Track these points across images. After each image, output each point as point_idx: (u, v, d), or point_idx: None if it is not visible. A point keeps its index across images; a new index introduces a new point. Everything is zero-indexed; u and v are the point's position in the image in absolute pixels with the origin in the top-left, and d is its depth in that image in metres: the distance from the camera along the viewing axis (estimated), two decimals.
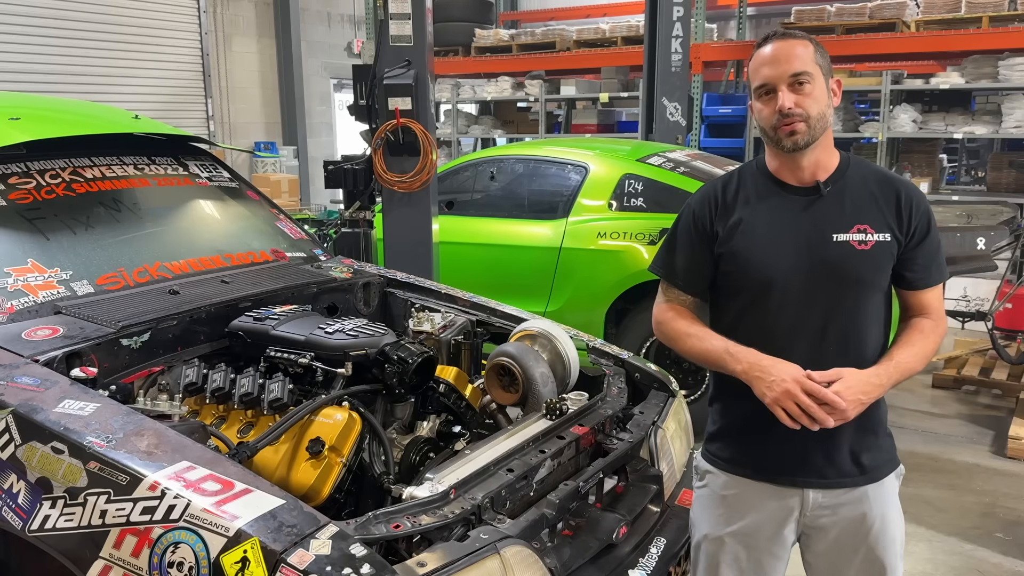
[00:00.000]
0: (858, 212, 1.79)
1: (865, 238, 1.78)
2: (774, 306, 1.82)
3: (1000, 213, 4.93)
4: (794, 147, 1.77)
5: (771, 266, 1.81)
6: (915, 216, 1.80)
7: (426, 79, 4.37)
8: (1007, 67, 7.60)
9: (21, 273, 2.31)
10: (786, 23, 8.73)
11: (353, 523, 1.61)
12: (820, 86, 1.77)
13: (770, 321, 1.83)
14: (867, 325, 1.81)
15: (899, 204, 1.80)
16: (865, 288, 1.79)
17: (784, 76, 1.75)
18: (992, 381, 5.39)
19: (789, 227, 1.82)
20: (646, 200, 4.67)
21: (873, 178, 1.83)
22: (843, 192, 1.81)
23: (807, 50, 1.77)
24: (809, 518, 1.87)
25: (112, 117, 3.39)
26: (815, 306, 1.79)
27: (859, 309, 1.80)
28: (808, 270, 1.79)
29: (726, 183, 1.93)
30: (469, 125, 10.98)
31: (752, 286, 1.84)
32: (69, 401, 1.83)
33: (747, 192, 1.88)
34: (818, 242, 1.79)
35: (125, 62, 9.40)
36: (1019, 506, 3.87)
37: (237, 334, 2.39)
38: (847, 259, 1.77)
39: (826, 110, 1.78)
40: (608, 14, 12.46)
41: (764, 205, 1.85)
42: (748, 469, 1.90)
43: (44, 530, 1.65)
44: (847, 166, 1.85)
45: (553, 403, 2.19)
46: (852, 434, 1.82)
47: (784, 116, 1.74)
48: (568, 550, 1.98)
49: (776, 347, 1.78)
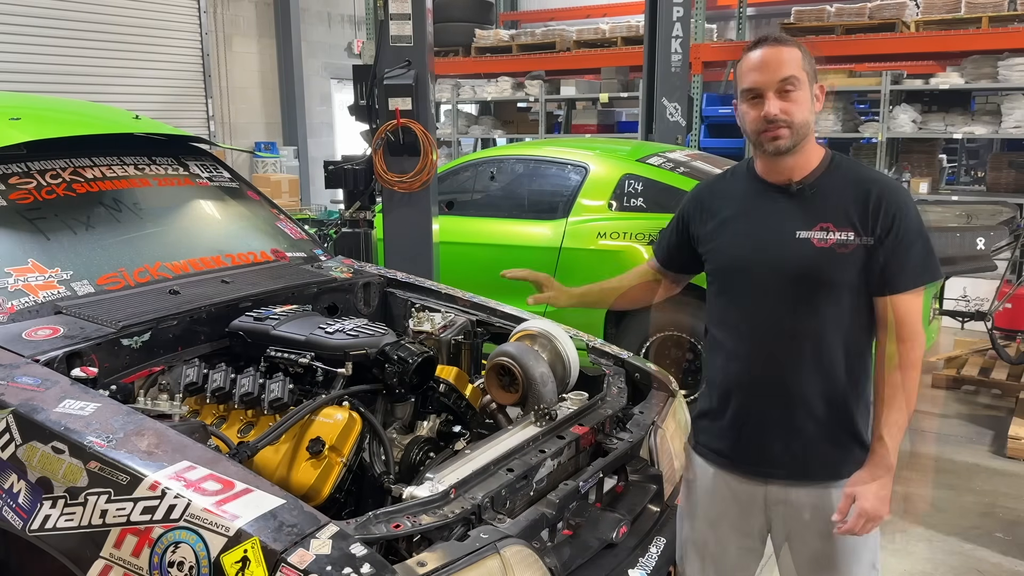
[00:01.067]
0: (824, 211, 1.80)
1: (826, 236, 1.78)
2: (740, 298, 1.88)
3: (1000, 213, 4.92)
4: (776, 152, 1.80)
5: (737, 258, 1.88)
6: (883, 216, 1.76)
7: (426, 79, 4.37)
8: (1007, 67, 7.60)
9: (22, 273, 2.31)
10: (786, 23, 8.73)
11: (353, 523, 1.61)
12: (805, 92, 1.78)
13: (737, 313, 1.89)
14: (833, 326, 1.80)
15: (868, 203, 1.77)
16: (826, 287, 1.79)
17: (772, 82, 1.77)
18: (992, 381, 5.39)
19: (760, 223, 1.86)
20: (646, 200, 4.68)
21: (853, 179, 1.83)
22: (817, 191, 1.83)
23: (795, 56, 1.78)
24: (772, 511, 1.91)
25: (112, 117, 3.39)
26: (778, 301, 1.82)
27: (821, 308, 1.80)
28: (769, 265, 1.82)
29: (717, 181, 2.03)
30: (469, 125, 10.98)
31: (721, 277, 1.93)
32: (69, 401, 1.83)
33: (734, 190, 1.95)
34: (780, 238, 1.82)
35: (125, 62, 9.41)
36: (1018, 506, 3.87)
37: (237, 334, 2.40)
38: (805, 256, 1.79)
39: (809, 116, 1.80)
40: (608, 14, 12.44)
41: (745, 202, 1.91)
42: (714, 455, 1.97)
43: (44, 530, 1.65)
44: (829, 166, 1.85)
45: (542, 409, 2.19)
46: (815, 433, 1.83)
47: (770, 122, 1.77)
48: (568, 550, 1.98)
49: (742, 338, 1.87)
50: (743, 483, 1.92)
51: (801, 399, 1.82)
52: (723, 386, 1.92)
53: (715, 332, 1.95)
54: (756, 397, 1.87)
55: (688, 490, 2.08)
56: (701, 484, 2.02)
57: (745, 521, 1.95)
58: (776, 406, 1.84)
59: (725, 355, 1.91)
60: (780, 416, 1.84)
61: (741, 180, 1.95)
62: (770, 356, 1.83)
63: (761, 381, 1.85)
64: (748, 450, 1.90)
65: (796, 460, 1.85)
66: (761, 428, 1.86)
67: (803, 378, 1.82)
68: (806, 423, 1.83)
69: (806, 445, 1.84)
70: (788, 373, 1.82)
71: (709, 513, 2.00)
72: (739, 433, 1.90)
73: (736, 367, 1.89)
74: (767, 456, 1.87)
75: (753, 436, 1.88)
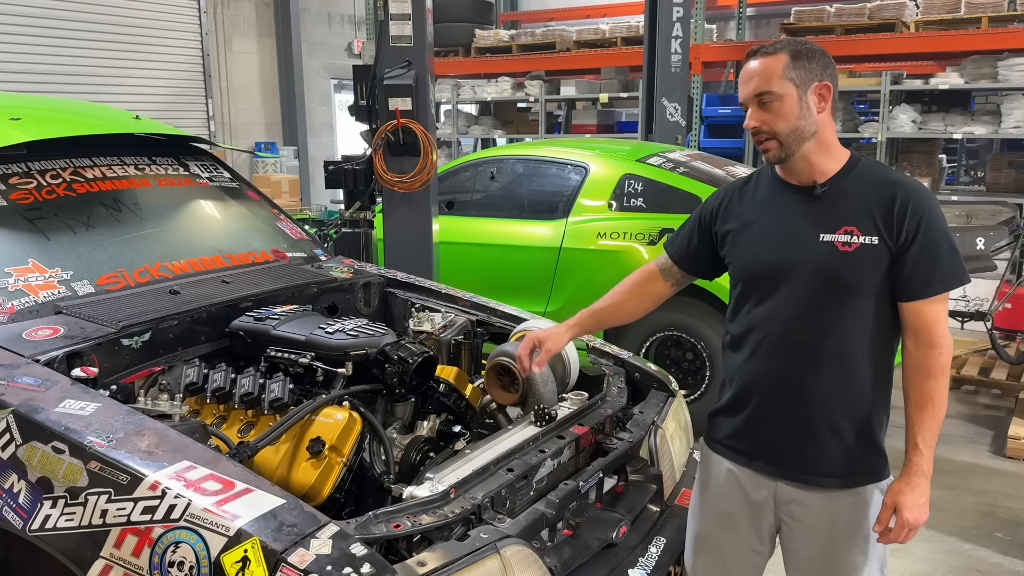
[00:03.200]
0: (849, 214, 1.79)
1: (850, 240, 1.77)
2: (762, 300, 1.87)
3: (1000, 213, 4.93)
4: (769, 161, 1.84)
5: (761, 260, 1.86)
6: (909, 221, 1.74)
7: (426, 79, 4.37)
8: (1006, 67, 7.60)
9: (22, 273, 2.31)
10: (785, 24, 8.73)
11: (353, 523, 1.61)
12: (790, 102, 1.76)
13: (758, 314, 1.87)
14: (854, 330, 1.79)
15: (893, 208, 1.76)
16: (849, 291, 1.78)
17: (750, 96, 1.80)
18: (991, 381, 5.39)
19: (781, 225, 1.85)
20: (646, 200, 4.68)
21: (876, 182, 1.81)
22: (839, 194, 1.82)
23: (778, 66, 1.76)
24: (782, 511, 1.91)
25: (113, 117, 3.39)
26: (799, 304, 1.81)
27: (845, 312, 1.79)
28: (793, 267, 1.81)
29: (744, 184, 2.01)
30: (469, 125, 10.98)
31: (743, 278, 1.91)
32: (70, 401, 1.83)
33: (759, 192, 1.94)
34: (804, 241, 1.81)
35: (125, 62, 9.41)
36: (1018, 506, 3.87)
37: (238, 334, 2.40)
38: (830, 260, 1.78)
39: (800, 123, 1.77)
40: (608, 14, 12.45)
41: (768, 204, 1.90)
42: (729, 451, 1.96)
43: (45, 530, 1.65)
44: (852, 169, 1.84)
45: (542, 409, 2.19)
46: (831, 437, 1.83)
47: (756, 134, 1.81)
48: (568, 550, 1.99)
49: (762, 339, 1.86)
50: (756, 481, 1.92)
51: (820, 402, 1.81)
52: (742, 385, 1.91)
53: (736, 331, 1.94)
54: (775, 398, 1.86)
55: (700, 487, 2.07)
56: (714, 481, 2.01)
57: (755, 519, 1.95)
58: (794, 407, 1.83)
59: (745, 354, 1.90)
60: (797, 418, 1.83)
61: (765, 182, 1.94)
62: (791, 358, 1.83)
63: (781, 382, 1.85)
64: (763, 449, 1.89)
65: (809, 462, 1.84)
66: (777, 428, 1.86)
67: (823, 381, 1.81)
68: (823, 426, 1.82)
69: (820, 448, 1.83)
70: (808, 375, 1.81)
71: (720, 510, 2.00)
72: (755, 432, 1.90)
73: (756, 367, 1.88)
74: (781, 456, 1.87)
75: (769, 435, 1.88)
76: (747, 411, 1.90)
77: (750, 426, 1.91)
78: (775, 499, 1.91)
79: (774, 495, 1.91)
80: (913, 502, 1.75)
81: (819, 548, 1.89)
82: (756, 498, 1.93)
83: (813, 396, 1.82)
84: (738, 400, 1.92)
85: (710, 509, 2.03)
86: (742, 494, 1.95)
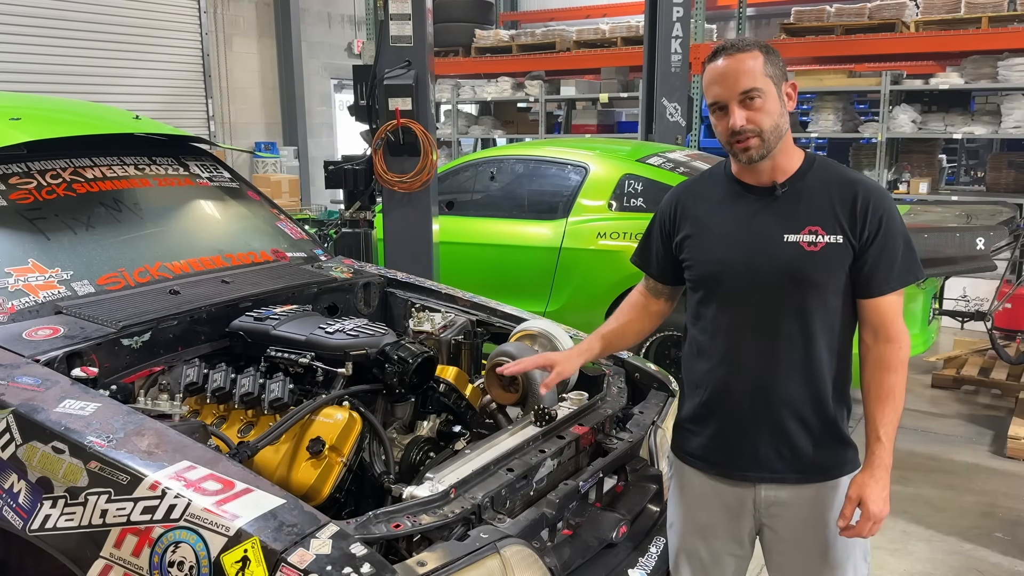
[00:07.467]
0: (811, 213, 1.79)
1: (815, 239, 1.77)
2: (727, 303, 1.85)
3: (999, 213, 4.92)
4: (749, 161, 1.80)
5: (722, 263, 1.84)
6: (871, 219, 1.75)
7: (426, 79, 4.37)
8: (1006, 67, 7.60)
9: (22, 273, 2.31)
10: (785, 23, 8.74)
11: (353, 522, 1.61)
12: (772, 98, 1.76)
13: (724, 318, 1.86)
14: (821, 328, 1.80)
15: (855, 206, 1.77)
16: (816, 290, 1.78)
17: (734, 94, 1.75)
18: (991, 381, 5.39)
19: (743, 227, 1.84)
20: (646, 200, 4.68)
21: (835, 180, 1.82)
22: (800, 193, 1.81)
23: (757, 63, 1.75)
24: (763, 513, 1.90)
25: (113, 117, 3.39)
26: (767, 305, 1.81)
27: (811, 311, 1.79)
28: (758, 269, 1.80)
29: (693, 184, 1.99)
30: (469, 125, 10.99)
31: (706, 283, 1.89)
32: (70, 401, 1.83)
33: (711, 193, 1.92)
34: (769, 242, 1.80)
35: (125, 62, 9.40)
36: (1018, 506, 3.87)
37: (238, 334, 2.40)
38: (796, 260, 1.77)
39: (779, 120, 1.78)
40: (608, 14, 12.45)
41: (724, 206, 1.88)
42: (702, 462, 1.94)
43: (45, 530, 1.65)
44: (809, 168, 1.84)
45: (542, 409, 2.20)
46: (803, 434, 1.83)
47: (737, 133, 1.76)
48: (568, 550, 1.99)
49: (730, 343, 1.85)
50: (732, 488, 1.91)
51: (790, 400, 1.82)
52: (712, 392, 1.89)
53: (699, 337, 1.91)
54: (744, 401, 1.85)
55: (676, 500, 2.04)
56: (688, 492, 1.99)
57: (735, 526, 1.93)
58: (767, 409, 1.83)
59: (710, 360, 1.89)
60: (770, 419, 1.83)
61: (719, 183, 1.92)
62: (758, 360, 1.82)
63: (749, 384, 1.84)
64: (737, 454, 1.88)
65: (785, 461, 1.85)
66: (751, 433, 1.85)
67: (794, 380, 1.81)
68: (794, 424, 1.82)
69: (794, 446, 1.84)
70: (779, 376, 1.81)
71: (698, 521, 1.98)
72: (729, 441, 1.88)
73: (723, 371, 1.87)
74: (757, 459, 1.86)
75: (742, 440, 1.87)
76: (718, 419, 1.88)
77: (723, 436, 1.89)
78: (755, 504, 1.90)
79: (753, 500, 1.89)
80: (877, 494, 1.76)
81: (803, 546, 1.88)
82: (735, 505, 1.92)
83: (784, 396, 1.82)
84: (709, 407, 1.90)
85: (689, 521, 2.00)
86: (721, 503, 1.93)
